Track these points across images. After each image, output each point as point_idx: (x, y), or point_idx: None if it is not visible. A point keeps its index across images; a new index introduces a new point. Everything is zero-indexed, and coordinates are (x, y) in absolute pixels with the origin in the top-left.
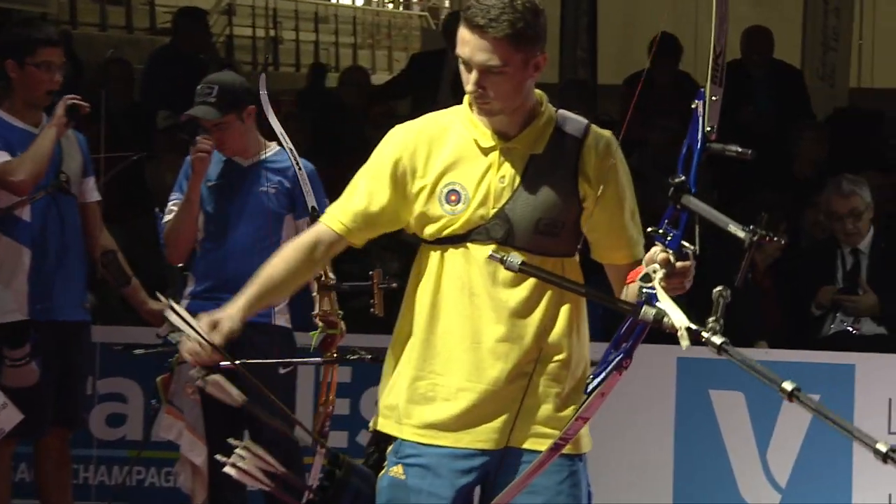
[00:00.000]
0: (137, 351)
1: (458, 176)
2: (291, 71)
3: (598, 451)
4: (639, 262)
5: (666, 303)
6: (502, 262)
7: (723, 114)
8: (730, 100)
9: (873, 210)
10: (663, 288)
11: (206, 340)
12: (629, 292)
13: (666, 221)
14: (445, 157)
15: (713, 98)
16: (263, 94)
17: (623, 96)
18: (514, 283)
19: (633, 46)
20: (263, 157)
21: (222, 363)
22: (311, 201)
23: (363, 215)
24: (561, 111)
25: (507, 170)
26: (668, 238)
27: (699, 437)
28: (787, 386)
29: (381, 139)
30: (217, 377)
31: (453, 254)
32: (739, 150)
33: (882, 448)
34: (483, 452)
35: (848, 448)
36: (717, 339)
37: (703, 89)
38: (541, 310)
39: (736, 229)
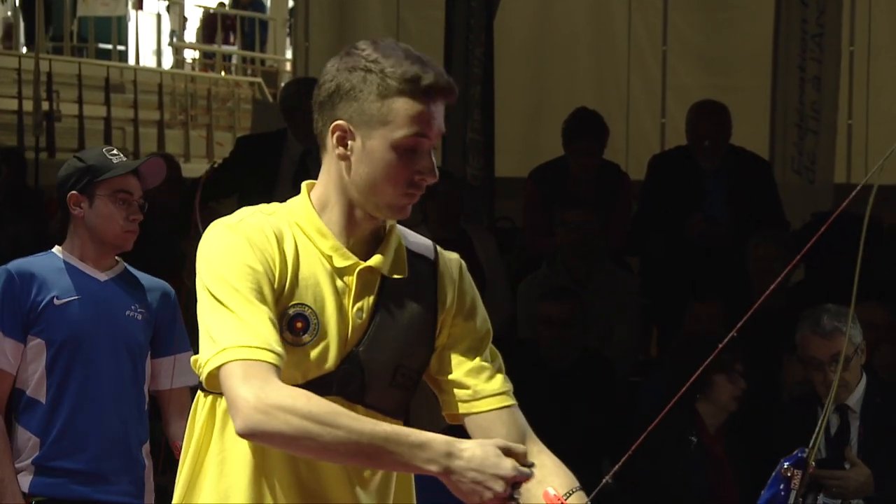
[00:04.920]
0: None
1: (308, 296)
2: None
3: None
4: (509, 408)
5: None
6: None
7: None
8: (673, 202)
9: (866, 353)
10: None
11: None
12: None
13: None
14: (291, 268)
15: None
16: None
17: (528, 194)
18: None
19: (541, 128)
20: (123, 268)
21: None
22: None
23: (276, 333)
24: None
25: (365, 300)
26: None
27: None
28: None
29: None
30: None
31: None
32: None
33: None
34: None
35: None
36: None
37: (802, 451)
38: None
39: None
